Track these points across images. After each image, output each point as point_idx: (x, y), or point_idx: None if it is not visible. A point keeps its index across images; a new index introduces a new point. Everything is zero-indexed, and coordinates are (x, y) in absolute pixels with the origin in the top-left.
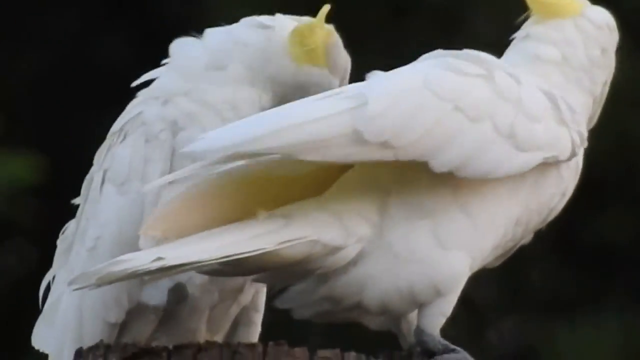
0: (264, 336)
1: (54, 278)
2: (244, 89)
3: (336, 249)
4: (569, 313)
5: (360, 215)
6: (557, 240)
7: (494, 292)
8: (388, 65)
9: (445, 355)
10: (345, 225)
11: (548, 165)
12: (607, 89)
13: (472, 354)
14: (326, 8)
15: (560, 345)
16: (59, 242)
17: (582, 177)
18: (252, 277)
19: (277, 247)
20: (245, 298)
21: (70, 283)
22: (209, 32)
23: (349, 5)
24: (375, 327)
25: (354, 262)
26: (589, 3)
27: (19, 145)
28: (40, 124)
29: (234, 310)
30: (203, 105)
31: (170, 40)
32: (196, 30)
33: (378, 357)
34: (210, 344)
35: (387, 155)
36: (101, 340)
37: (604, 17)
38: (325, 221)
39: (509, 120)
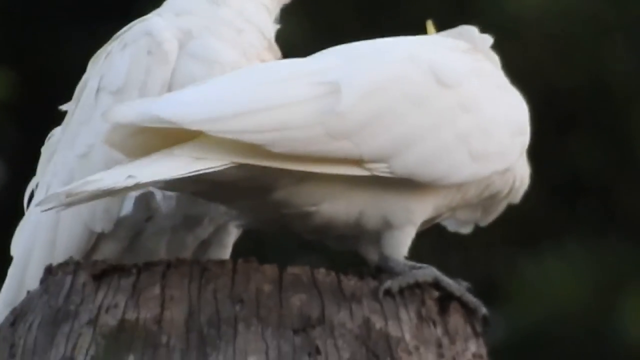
0: (234, 255)
1: (37, 186)
2: None
3: None
4: (535, 242)
5: None
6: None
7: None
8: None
9: (414, 271)
10: None
11: None
12: None
13: None
14: None
15: (525, 276)
16: (43, 149)
17: (548, 111)
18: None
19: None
20: (202, 233)
21: (38, 204)
22: None
23: None
24: (338, 248)
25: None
26: None
27: None
28: (12, 40)
29: (191, 242)
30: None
31: None
32: None
33: (348, 274)
34: (179, 261)
35: (349, 148)
36: (71, 257)
37: None
38: None
39: (467, 131)
